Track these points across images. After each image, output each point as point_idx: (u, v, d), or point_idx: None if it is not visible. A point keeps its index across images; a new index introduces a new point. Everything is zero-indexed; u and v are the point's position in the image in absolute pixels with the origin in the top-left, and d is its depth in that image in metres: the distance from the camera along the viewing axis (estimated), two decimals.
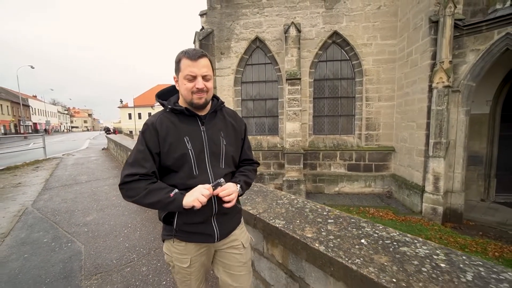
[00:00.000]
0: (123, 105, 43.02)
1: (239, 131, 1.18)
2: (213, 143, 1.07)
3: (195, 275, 1.12)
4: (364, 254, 0.97)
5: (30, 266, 2.17)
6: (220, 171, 1.07)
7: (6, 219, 3.22)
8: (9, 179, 5.52)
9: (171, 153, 1.02)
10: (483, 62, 5.91)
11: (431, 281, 0.80)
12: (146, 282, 1.88)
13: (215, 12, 8.56)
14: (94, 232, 2.76)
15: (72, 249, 2.42)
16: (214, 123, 1.10)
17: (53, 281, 1.95)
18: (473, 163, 7.47)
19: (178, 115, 1.05)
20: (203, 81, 0.99)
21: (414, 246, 1.01)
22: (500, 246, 5.25)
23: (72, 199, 3.98)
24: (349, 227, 1.21)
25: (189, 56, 0.98)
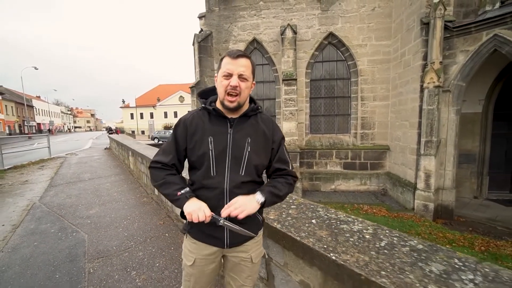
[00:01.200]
0: (125, 105, 43.54)
1: (271, 140, 1.11)
2: (236, 147, 1.05)
3: (195, 278, 1.10)
4: (310, 230, 1.22)
5: (40, 252, 2.46)
6: (238, 178, 1.04)
7: (16, 213, 3.53)
8: (17, 177, 5.87)
9: (195, 150, 1.06)
10: (472, 63, 6.09)
11: (353, 246, 1.05)
12: (142, 264, 2.16)
13: (213, 15, 8.81)
14: (97, 224, 3.06)
15: (77, 238, 2.71)
16: (242, 127, 1.07)
17: (60, 263, 2.23)
18: (466, 161, 7.65)
19: (210, 115, 1.08)
20: (239, 80, 0.99)
21: (352, 224, 1.25)
22: (487, 241, 5.44)
23: (76, 195, 4.29)
24: (306, 211, 1.46)
25: (230, 54, 1.01)
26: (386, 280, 0.83)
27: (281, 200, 1.12)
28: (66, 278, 2.03)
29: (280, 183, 1.10)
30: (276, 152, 1.13)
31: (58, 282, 1.98)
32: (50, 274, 2.09)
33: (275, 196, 1.07)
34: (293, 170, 1.15)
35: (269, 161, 1.13)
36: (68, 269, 2.14)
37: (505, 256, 4.86)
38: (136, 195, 4.23)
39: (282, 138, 1.16)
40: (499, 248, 5.18)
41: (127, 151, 6.80)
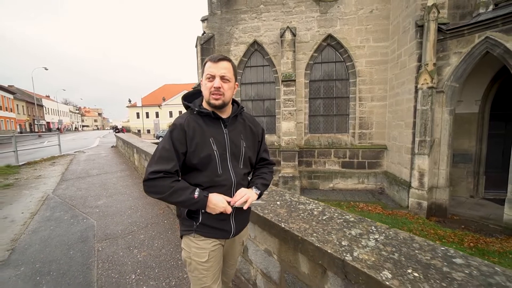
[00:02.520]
0: (132, 104, 44.47)
1: (257, 135, 1.27)
2: (234, 145, 1.15)
3: (212, 271, 1.17)
4: (273, 208, 1.55)
5: (56, 234, 2.85)
6: (240, 171, 1.17)
7: (33, 203, 3.96)
8: (31, 172, 6.36)
9: (197, 153, 1.09)
10: (465, 64, 6.27)
11: (300, 219, 1.37)
12: (143, 244, 2.53)
13: (215, 18, 9.17)
14: (104, 212, 3.45)
15: (87, 223, 3.11)
16: (235, 127, 1.19)
17: (73, 243, 2.62)
18: (462, 161, 7.81)
19: (204, 118, 1.13)
20: (221, 81, 1.07)
21: (308, 205, 1.57)
22: (477, 237, 5.63)
23: (85, 188, 4.72)
24: (275, 196, 1.78)
25: (212, 58, 1.09)
26: (314, 239, 1.15)
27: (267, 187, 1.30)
28: (79, 254, 2.41)
29: (266, 173, 1.29)
30: (261, 144, 1.31)
31: (72, 257, 2.36)
32: (65, 251, 2.47)
33: (266, 186, 1.25)
34: (271, 159, 1.37)
35: (257, 152, 1.30)
36: (80, 247, 2.52)
37: (492, 252, 5.07)
38: (140, 188, 4.62)
39: (264, 131, 1.34)
40: (488, 244, 5.37)
41: (132, 149, 7.22)
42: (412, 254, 1.00)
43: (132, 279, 1.99)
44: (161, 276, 2.01)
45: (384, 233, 1.17)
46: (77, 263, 2.24)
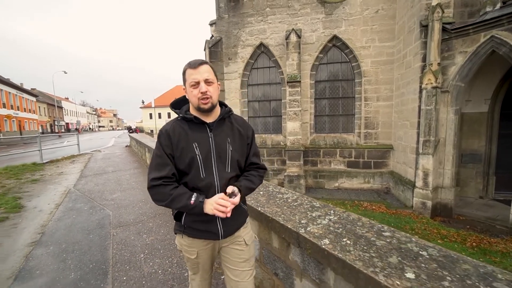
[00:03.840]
0: (145, 105, 45.96)
1: (246, 137, 1.27)
2: (219, 149, 1.16)
3: (202, 264, 1.26)
4: (255, 197, 1.86)
5: (77, 221, 3.31)
6: (226, 175, 1.18)
7: (57, 196, 4.49)
8: (54, 169, 7.01)
9: (182, 157, 1.13)
10: (470, 64, 6.29)
11: (274, 204, 1.67)
12: (151, 231, 2.92)
13: (223, 21, 9.55)
14: (118, 204, 3.91)
15: (104, 213, 3.55)
16: (221, 130, 1.19)
17: (92, 229, 3.05)
18: (471, 161, 7.75)
19: (189, 123, 1.17)
20: (206, 85, 1.10)
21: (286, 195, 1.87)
22: (481, 238, 5.66)
23: (102, 184, 5.23)
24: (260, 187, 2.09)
25: (191, 65, 1.12)
26: (281, 218, 1.45)
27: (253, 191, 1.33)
28: (97, 237, 2.83)
29: (255, 176, 1.28)
30: (250, 147, 1.30)
31: (91, 239, 2.79)
32: (86, 235, 2.91)
33: (250, 189, 1.25)
34: (262, 163, 1.36)
35: (246, 155, 1.29)
36: (98, 232, 2.95)
37: (495, 252, 5.11)
38: None
39: (253, 133, 1.34)
40: (492, 244, 5.40)
41: (144, 148, 7.73)
42: (353, 229, 1.28)
43: (141, 257, 2.37)
44: (165, 255, 2.38)
45: (339, 215, 1.45)
46: (96, 245, 2.66)
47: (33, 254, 2.52)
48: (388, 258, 1.02)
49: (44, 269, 2.26)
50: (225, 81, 9.73)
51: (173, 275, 2.09)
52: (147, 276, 2.08)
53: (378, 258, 1.02)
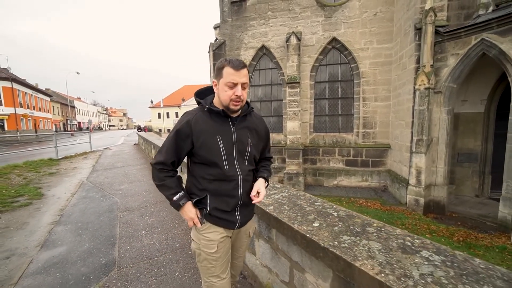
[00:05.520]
0: (153, 105, 47.21)
1: (263, 135, 1.36)
2: (240, 143, 1.22)
3: (220, 261, 1.25)
4: None
5: (90, 207, 3.88)
6: (245, 168, 1.25)
7: (72, 186, 5.12)
8: (68, 164, 7.72)
9: (203, 149, 1.17)
10: (462, 66, 6.54)
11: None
12: (152, 214, 3.45)
13: (226, 25, 10.06)
14: (125, 193, 4.49)
15: (113, 200, 4.13)
16: (243, 125, 1.25)
17: (103, 212, 3.61)
18: (467, 160, 7.95)
19: (212, 115, 1.20)
20: (241, 89, 1.14)
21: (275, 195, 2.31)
22: (469, 233, 5.92)
23: (111, 177, 5.85)
24: None
25: (233, 65, 1.12)
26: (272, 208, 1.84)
27: None
28: (107, 219, 3.37)
29: (270, 167, 1.45)
30: (266, 144, 1.42)
31: (102, 220, 3.34)
32: (97, 217, 3.47)
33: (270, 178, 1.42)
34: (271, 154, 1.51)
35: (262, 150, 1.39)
36: (108, 215, 3.50)
37: (480, 246, 5.38)
38: None
39: (268, 132, 1.45)
40: (478, 239, 5.66)
41: (150, 146, 8.34)
42: (295, 201, 1.72)
43: (142, 233, 2.89)
44: (162, 232, 2.89)
45: (290, 193, 1.88)
46: (105, 224, 3.20)
47: (55, 230, 3.08)
48: (308, 216, 1.45)
49: (64, 241, 2.80)
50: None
51: (167, 246, 2.59)
52: (146, 246, 2.59)
53: (301, 217, 1.46)
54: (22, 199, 4.21)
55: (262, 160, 1.43)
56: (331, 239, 1.19)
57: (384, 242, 1.14)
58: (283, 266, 1.54)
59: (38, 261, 2.38)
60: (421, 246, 1.09)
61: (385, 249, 1.08)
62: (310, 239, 1.21)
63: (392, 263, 0.98)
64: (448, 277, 0.88)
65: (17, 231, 3.04)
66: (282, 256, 1.54)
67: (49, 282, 2.06)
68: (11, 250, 2.59)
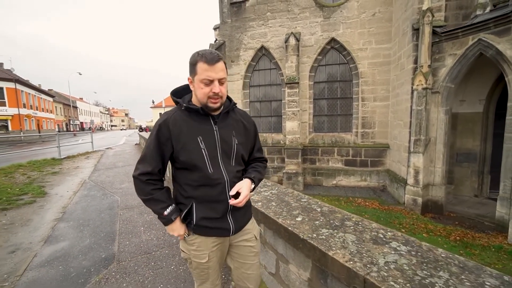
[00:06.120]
0: (155, 105, 47.50)
1: (250, 131, 1.26)
2: (225, 143, 1.13)
3: (213, 268, 1.20)
4: None
5: (92, 204, 4.02)
6: (232, 169, 1.15)
7: (74, 185, 5.29)
8: (70, 164, 7.90)
9: (184, 152, 1.08)
10: (460, 66, 6.59)
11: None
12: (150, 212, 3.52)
13: (226, 26, 10.17)
14: (125, 192, 4.64)
15: (113, 199, 4.27)
16: (226, 123, 1.16)
17: (104, 210, 3.76)
18: (466, 160, 7.99)
19: (192, 114, 1.11)
20: (219, 85, 1.04)
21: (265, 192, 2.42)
22: (466, 233, 5.97)
23: (112, 176, 6.01)
24: None
25: (207, 60, 1.01)
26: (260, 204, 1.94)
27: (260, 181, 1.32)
28: (108, 216, 3.51)
29: (262, 168, 1.30)
30: (254, 142, 1.30)
31: (103, 217, 3.47)
32: (98, 214, 3.60)
33: (260, 180, 1.27)
34: (264, 155, 1.39)
35: (250, 149, 1.29)
36: (108, 212, 3.64)
37: (476, 245, 5.43)
38: None
39: (256, 127, 1.34)
40: (475, 239, 5.72)
41: None
42: (282, 197, 1.82)
43: (141, 229, 3.02)
44: (160, 228, 3.01)
45: (279, 190, 1.99)
46: (106, 221, 3.33)
47: (57, 227, 3.22)
48: (293, 212, 1.56)
49: (66, 236, 2.94)
50: (228, 82, 10.33)
51: (164, 241, 2.71)
52: (144, 242, 2.71)
53: (286, 212, 1.57)
54: (26, 197, 4.37)
55: (252, 161, 1.32)
56: (311, 231, 1.29)
57: (359, 235, 1.24)
58: (270, 258, 1.65)
59: (42, 255, 2.51)
60: (392, 238, 1.19)
61: (358, 241, 1.18)
62: (292, 232, 1.32)
63: (362, 253, 1.08)
64: (410, 264, 0.98)
65: (22, 227, 3.18)
66: (270, 249, 1.65)
67: (52, 274, 2.18)
68: (16, 245, 2.73)
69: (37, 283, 2.08)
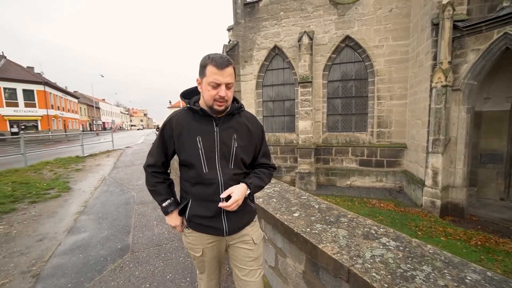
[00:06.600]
0: (172, 105, 48.84)
1: (254, 135, 1.23)
2: (224, 145, 1.14)
3: (208, 263, 1.25)
4: None
5: (110, 199, 4.31)
6: (229, 171, 1.16)
7: (95, 181, 5.67)
8: (92, 161, 8.41)
9: (183, 150, 1.14)
10: (483, 61, 6.28)
11: None
12: None
13: (240, 26, 10.31)
14: (141, 188, 4.94)
15: (130, 194, 4.56)
16: (228, 125, 1.17)
17: (121, 205, 4.02)
18: (491, 161, 7.59)
19: (195, 114, 1.15)
20: (226, 89, 1.08)
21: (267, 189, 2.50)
22: (488, 237, 5.70)
23: (130, 173, 6.37)
24: None
25: (216, 64, 1.05)
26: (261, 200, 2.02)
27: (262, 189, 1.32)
28: (124, 210, 3.76)
29: (265, 174, 1.27)
30: (260, 147, 1.28)
31: (120, 211, 3.72)
32: (116, 208, 3.87)
33: (259, 188, 1.25)
34: (273, 163, 1.34)
35: (254, 154, 1.27)
36: (125, 207, 3.89)
37: (500, 251, 5.18)
38: None
39: (263, 132, 1.31)
40: (499, 244, 5.44)
41: None
42: (283, 194, 1.89)
43: (154, 223, 3.22)
44: None
45: (281, 187, 2.05)
46: (122, 215, 3.57)
47: (79, 219, 3.50)
48: (291, 208, 1.63)
49: (87, 228, 3.20)
50: (241, 82, 10.48)
51: (174, 235, 2.88)
52: (156, 235, 2.90)
53: (285, 208, 1.64)
54: (52, 192, 4.76)
55: (257, 166, 1.30)
56: (305, 226, 1.36)
57: (351, 230, 1.28)
58: (270, 252, 1.72)
59: (65, 244, 2.77)
60: (383, 234, 1.23)
61: (349, 236, 1.23)
62: (287, 226, 1.39)
63: (351, 246, 1.13)
64: (395, 258, 1.02)
65: (48, 219, 3.49)
66: (270, 243, 1.72)
67: (73, 261, 2.41)
68: (43, 234, 3.02)
69: (61, 268, 2.30)
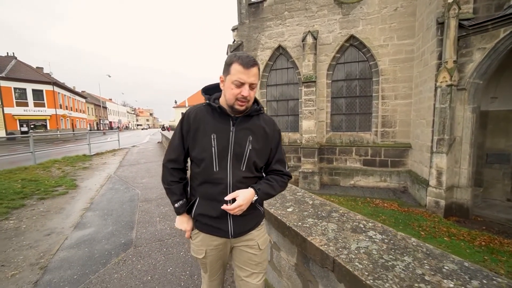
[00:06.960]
0: (177, 105, 49.25)
1: (270, 140, 1.20)
2: (238, 145, 1.12)
3: (210, 265, 1.24)
4: None
5: (115, 197, 4.45)
6: (239, 173, 1.13)
7: (102, 179, 5.84)
8: (99, 160, 8.62)
9: (195, 145, 1.13)
10: (489, 60, 6.22)
11: None
12: (168, 204, 3.95)
13: (244, 27, 10.38)
14: (146, 186, 5.07)
15: (134, 192, 4.70)
16: (245, 126, 1.14)
17: (125, 202, 4.16)
18: (497, 161, 7.51)
19: (213, 111, 1.13)
20: (249, 89, 1.06)
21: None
22: (493, 238, 5.66)
23: (135, 171, 6.53)
24: None
25: (242, 62, 1.04)
26: None
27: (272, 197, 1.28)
28: (129, 207, 3.88)
29: (277, 182, 1.21)
30: (275, 152, 1.24)
31: (124, 208, 3.85)
32: (120, 205, 4.00)
33: (268, 195, 1.21)
34: (287, 171, 1.28)
35: (268, 159, 1.23)
36: (129, 204, 4.02)
37: (504, 252, 5.14)
38: None
39: (280, 137, 1.29)
40: (503, 245, 5.40)
41: None
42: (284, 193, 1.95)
43: (157, 220, 3.33)
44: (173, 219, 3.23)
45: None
46: (127, 211, 3.69)
47: (85, 215, 3.63)
48: (286, 203, 1.70)
49: (93, 224, 3.32)
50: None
51: (176, 231, 2.99)
52: (159, 230, 3.00)
53: (280, 203, 1.70)
54: (60, 189, 4.92)
55: (270, 172, 1.25)
56: (297, 220, 1.42)
57: (341, 224, 1.34)
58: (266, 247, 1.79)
59: (72, 239, 2.89)
60: (371, 228, 1.28)
61: (338, 229, 1.29)
62: (280, 220, 1.45)
63: (338, 239, 1.19)
64: (379, 250, 1.08)
65: (56, 215, 3.64)
66: None
67: (79, 255, 2.52)
68: (51, 229, 3.16)
69: (67, 261, 2.41)
